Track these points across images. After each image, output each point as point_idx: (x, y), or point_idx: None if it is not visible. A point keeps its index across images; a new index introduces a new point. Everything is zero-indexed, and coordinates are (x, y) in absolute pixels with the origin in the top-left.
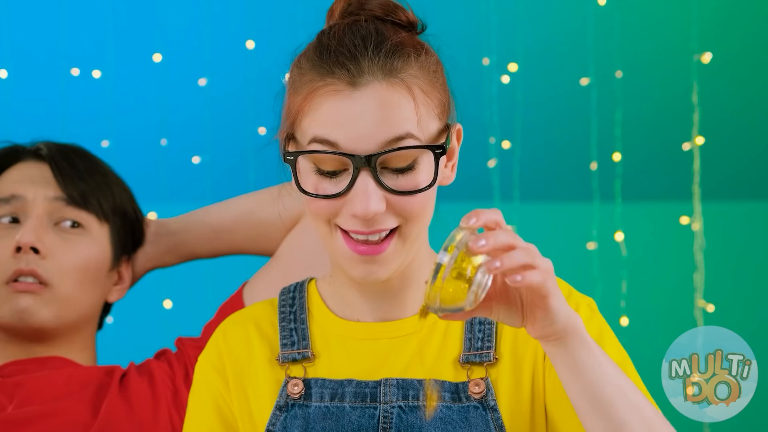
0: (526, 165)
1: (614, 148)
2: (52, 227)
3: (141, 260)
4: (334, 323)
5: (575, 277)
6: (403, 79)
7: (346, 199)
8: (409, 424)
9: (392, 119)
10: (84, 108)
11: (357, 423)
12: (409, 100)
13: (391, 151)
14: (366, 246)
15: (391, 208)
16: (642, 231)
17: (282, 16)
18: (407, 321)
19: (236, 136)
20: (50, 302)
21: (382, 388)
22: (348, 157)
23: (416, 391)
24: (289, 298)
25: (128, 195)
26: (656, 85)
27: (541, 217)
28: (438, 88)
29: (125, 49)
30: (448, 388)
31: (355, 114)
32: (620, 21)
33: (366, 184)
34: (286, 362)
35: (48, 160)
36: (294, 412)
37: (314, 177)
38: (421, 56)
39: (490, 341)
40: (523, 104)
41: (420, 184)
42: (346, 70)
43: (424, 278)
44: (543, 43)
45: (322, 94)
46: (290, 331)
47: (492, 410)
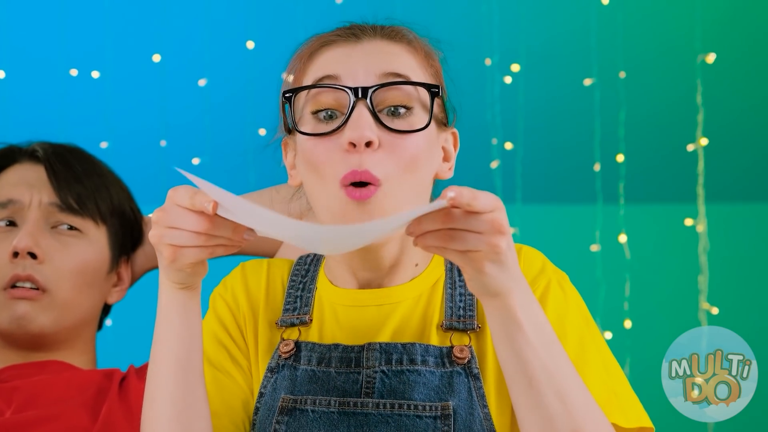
0: (528, 166)
1: (618, 150)
2: (48, 231)
3: (140, 260)
4: (328, 291)
5: (578, 279)
6: (402, 39)
7: (341, 140)
8: (391, 389)
9: (391, 61)
10: (83, 109)
11: (341, 387)
12: (408, 54)
13: (388, 85)
14: (359, 192)
15: (384, 148)
16: (645, 233)
17: (283, 15)
18: (395, 289)
19: (236, 138)
20: (48, 308)
21: (366, 353)
22: (346, 89)
23: (400, 355)
24: (303, 269)
25: (126, 195)
26: (660, 85)
27: (544, 219)
28: (435, 66)
29: (124, 50)
30: (432, 353)
31: (356, 55)
32: (624, 21)
33: (360, 114)
34: (284, 326)
35: (44, 162)
36: (283, 373)
37: (312, 122)
38: (420, 39)
39: (472, 310)
40: (525, 105)
41: (414, 126)
42: (348, 30)
43: (414, 261)
44: (546, 43)
45: (324, 48)
46: (295, 298)
47: (475, 378)
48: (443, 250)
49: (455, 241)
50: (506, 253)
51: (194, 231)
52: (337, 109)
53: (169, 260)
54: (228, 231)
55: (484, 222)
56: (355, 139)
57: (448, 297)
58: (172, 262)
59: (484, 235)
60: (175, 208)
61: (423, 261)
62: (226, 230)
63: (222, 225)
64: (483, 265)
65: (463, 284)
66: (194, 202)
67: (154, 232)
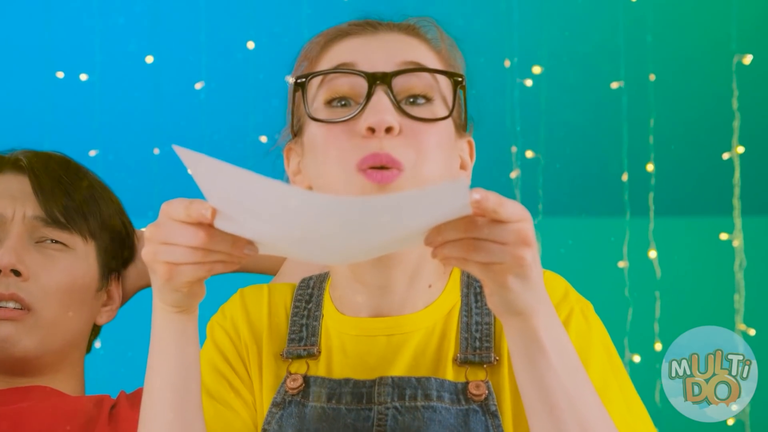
0: (550, 176)
1: (647, 158)
2: (33, 245)
3: (132, 277)
4: (334, 318)
5: (604, 298)
6: (420, 35)
7: (358, 126)
8: (405, 427)
9: (410, 51)
10: (70, 115)
11: (352, 425)
12: (427, 47)
13: (409, 71)
14: (380, 174)
15: (403, 136)
16: (677, 248)
17: (287, 13)
18: (407, 318)
19: (236, 146)
20: (33, 329)
21: (378, 388)
22: (364, 75)
23: (414, 390)
24: (306, 293)
25: (117, 208)
26: (693, 89)
27: (567, 234)
28: (456, 65)
29: (115, 50)
30: (448, 388)
31: (374, 44)
32: (654, 19)
33: (380, 99)
34: (290, 358)
35: (28, 172)
36: (290, 410)
37: (325, 112)
38: (443, 36)
39: (489, 341)
40: (547, 110)
41: (436, 114)
42: (364, 22)
43: (428, 282)
44: (569, 43)
45: (340, 38)
46: (301, 327)
47: (493, 416)
48: (464, 262)
49: (478, 251)
50: (531, 268)
51: (191, 246)
52: (352, 98)
53: (164, 279)
54: (227, 245)
55: (510, 232)
56: (374, 123)
57: (464, 326)
58: (168, 282)
59: (508, 246)
60: (170, 222)
61: (437, 283)
62: (225, 244)
63: (220, 239)
64: (506, 279)
65: (480, 311)
66: (190, 212)
67: (148, 249)
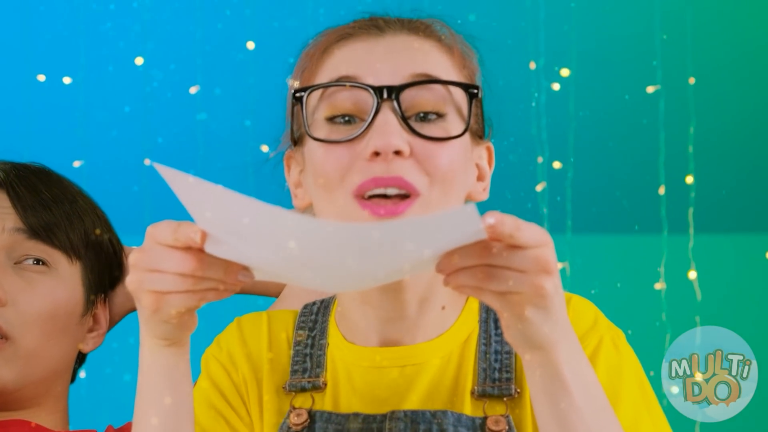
0: (580, 190)
1: (686, 170)
2: (11, 267)
3: (120, 300)
4: (341, 348)
5: (640, 322)
6: (432, 35)
7: (361, 147)
8: None
9: (420, 60)
10: (52, 122)
11: None
12: (439, 51)
13: (418, 84)
14: (384, 208)
15: (414, 158)
16: (719, 268)
17: (290, 10)
18: (420, 347)
19: (234, 155)
20: (11, 359)
21: (389, 423)
22: (369, 89)
23: (428, 425)
24: (310, 320)
25: (104, 223)
26: (736, 94)
27: (599, 252)
28: (471, 67)
29: (101, 51)
30: (465, 423)
31: (378, 51)
32: (693, 17)
33: (386, 118)
34: (293, 391)
35: (5, 185)
36: None
37: (326, 129)
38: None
39: (509, 372)
40: (576, 117)
41: (450, 132)
42: (369, 22)
43: (441, 303)
44: (601, 44)
45: (341, 42)
46: (304, 357)
47: None
48: (479, 291)
49: (493, 280)
50: (552, 298)
51: (179, 273)
52: (356, 115)
53: (151, 310)
54: (219, 271)
55: (529, 259)
56: (380, 147)
57: (482, 356)
58: (155, 313)
59: (527, 275)
60: (156, 246)
61: (452, 305)
62: (217, 271)
63: (212, 264)
64: (524, 310)
65: (499, 339)
66: (178, 236)
67: (132, 278)
